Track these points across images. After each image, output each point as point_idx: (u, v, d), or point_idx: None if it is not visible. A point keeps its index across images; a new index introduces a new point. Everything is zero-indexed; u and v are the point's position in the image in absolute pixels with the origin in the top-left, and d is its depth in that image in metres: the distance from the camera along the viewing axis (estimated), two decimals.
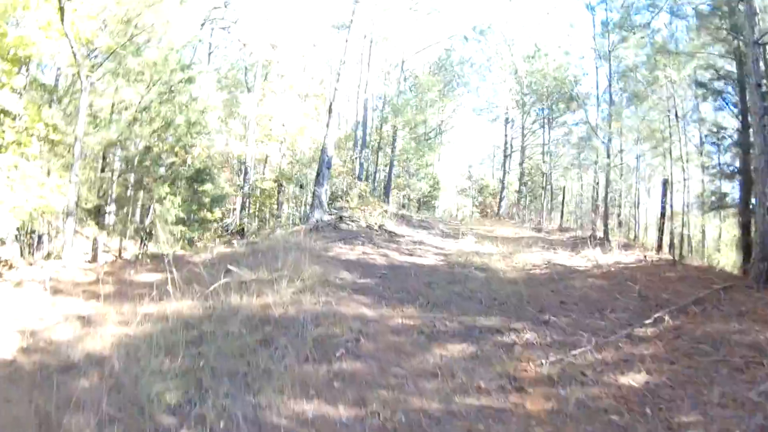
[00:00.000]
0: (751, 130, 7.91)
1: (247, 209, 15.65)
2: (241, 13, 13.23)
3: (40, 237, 11.33)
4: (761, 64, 7.29)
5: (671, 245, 11.05)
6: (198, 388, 4.05)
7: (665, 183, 10.81)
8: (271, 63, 15.41)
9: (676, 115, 10.51)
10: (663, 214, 10.88)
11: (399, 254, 9.30)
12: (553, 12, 25.95)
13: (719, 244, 16.07)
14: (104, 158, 10.48)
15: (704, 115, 10.48)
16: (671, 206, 10.78)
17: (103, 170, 10.81)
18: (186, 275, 8.04)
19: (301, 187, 12.60)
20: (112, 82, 9.02)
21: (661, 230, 10.91)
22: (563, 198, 19.50)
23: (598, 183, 15.10)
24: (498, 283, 7.71)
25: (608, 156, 13.14)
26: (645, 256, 9.58)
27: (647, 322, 6.03)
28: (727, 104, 8.78)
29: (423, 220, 15.29)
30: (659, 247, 10.83)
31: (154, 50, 9.67)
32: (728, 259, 16.04)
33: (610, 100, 13.28)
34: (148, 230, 10.53)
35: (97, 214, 10.78)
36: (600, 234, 13.91)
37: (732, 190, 10.03)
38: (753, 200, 8.09)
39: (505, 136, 30.90)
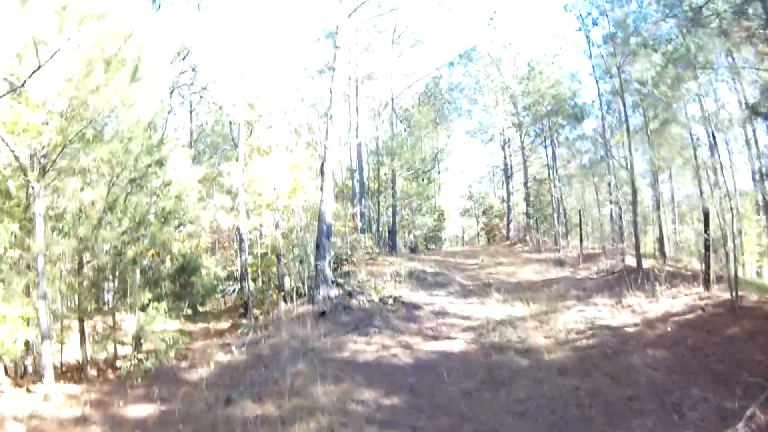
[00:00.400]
0: None
1: (246, 279, 14.50)
2: (212, 75, 12.17)
3: (23, 356, 10.16)
4: None
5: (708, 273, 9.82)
6: None
7: (707, 214, 9.65)
8: (253, 122, 14.37)
9: (714, 138, 9.42)
10: (707, 247, 9.69)
11: (422, 340, 8.09)
12: (541, 23, 25.01)
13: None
14: (80, 264, 9.31)
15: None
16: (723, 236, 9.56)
17: (79, 273, 9.67)
18: (181, 408, 6.87)
19: (301, 262, 11.41)
20: (69, 183, 7.94)
21: (707, 264, 9.70)
22: (580, 221, 18.27)
23: (620, 207, 13.94)
24: (547, 375, 6.52)
25: (632, 183, 12.00)
26: (703, 308, 8.37)
27: (739, 426, 4.89)
28: None
29: (437, 272, 14.05)
30: (707, 283, 9.60)
31: (113, 139, 8.59)
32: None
33: (626, 122, 12.18)
34: (136, 338, 9.33)
35: (81, 323, 9.62)
36: (631, 262, 12.72)
37: None
38: None
39: (504, 157, 29.94)
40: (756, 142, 11.85)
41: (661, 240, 15.71)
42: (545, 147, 24.23)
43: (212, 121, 24.72)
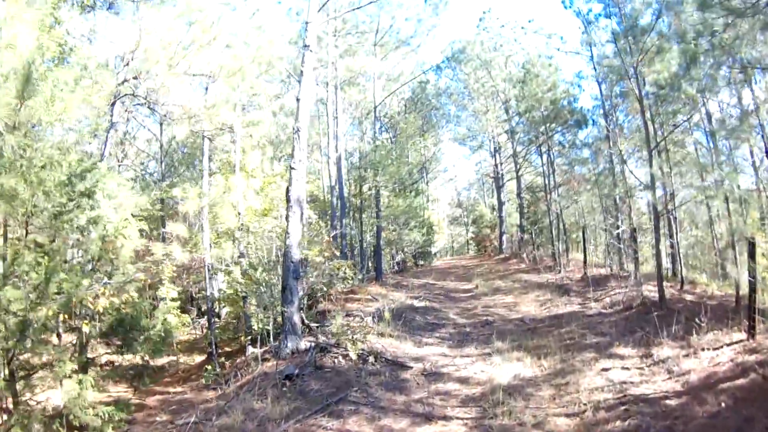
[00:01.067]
0: None
1: (211, 317, 12.73)
2: (156, 81, 10.29)
3: None
4: None
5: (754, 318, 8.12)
6: None
7: (753, 244, 7.97)
8: (213, 137, 12.55)
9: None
10: (754, 288, 8.01)
11: (410, 423, 6.26)
12: (534, 23, 23.58)
13: None
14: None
15: None
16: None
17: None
18: None
19: (265, 308, 9.60)
20: None
21: (752, 308, 8.02)
22: (584, 239, 16.61)
23: (634, 229, 12.27)
24: None
25: (655, 207, 10.32)
26: (760, 372, 6.66)
27: None
28: None
29: (428, 307, 12.30)
30: (751, 329, 7.92)
31: (24, 168, 6.75)
32: None
33: (646, 130, 10.52)
34: (64, 418, 7.43)
35: (13, 394, 7.73)
36: (652, 295, 11.06)
37: None
38: None
39: (495, 165, 28.40)
40: None
41: (673, 260, 14.17)
42: (540, 155, 22.59)
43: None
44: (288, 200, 9.38)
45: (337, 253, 13.32)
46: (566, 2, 14.10)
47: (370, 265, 20.60)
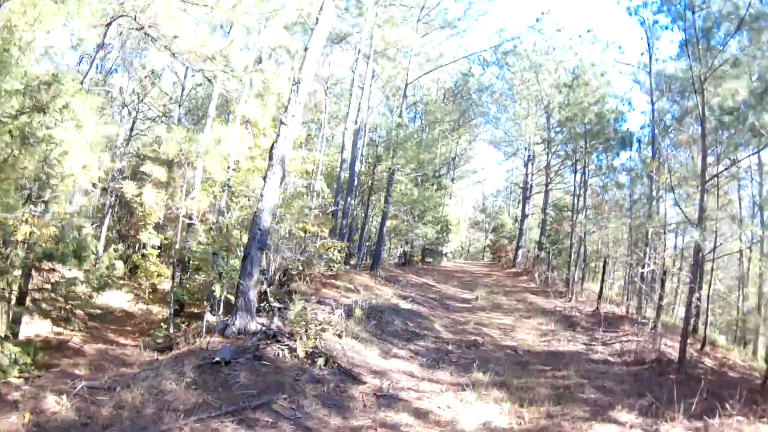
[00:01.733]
0: None
1: (176, 272, 11.64)
2: (167, 12, 9.02)
3: None
4: None
5: None
6: None
7: None
8: (213, 79, 11.29)
9: None
10: None
11: None
12: (593, 33, 21.75)
13: None
14: None
15: None
16: None
17: None
18: None
19: (220, 276, 8.32)
20: None
21: None
22: (604, 270, 15.03)
23: (664, 272, 10.65)
24: None
25: (697, 252, 8.71)
26: None
27: None
28: None
29: (414, 311, 10.89)
30: None
31: None
32: None
33: (704, 159, 8.88)
34: None
35: None
36: (670, 351, 9.52)
37: None
38: None
39: (526, 175, 26.83)
40: None
41: (697, 315, 12.49)
42: (574, 172, 20.83)
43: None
44: (270, 158, 8.05)
45: (326, 230, 11.97)
46: (631, 10, 12.46)
47: (362, 258, 19.28)
